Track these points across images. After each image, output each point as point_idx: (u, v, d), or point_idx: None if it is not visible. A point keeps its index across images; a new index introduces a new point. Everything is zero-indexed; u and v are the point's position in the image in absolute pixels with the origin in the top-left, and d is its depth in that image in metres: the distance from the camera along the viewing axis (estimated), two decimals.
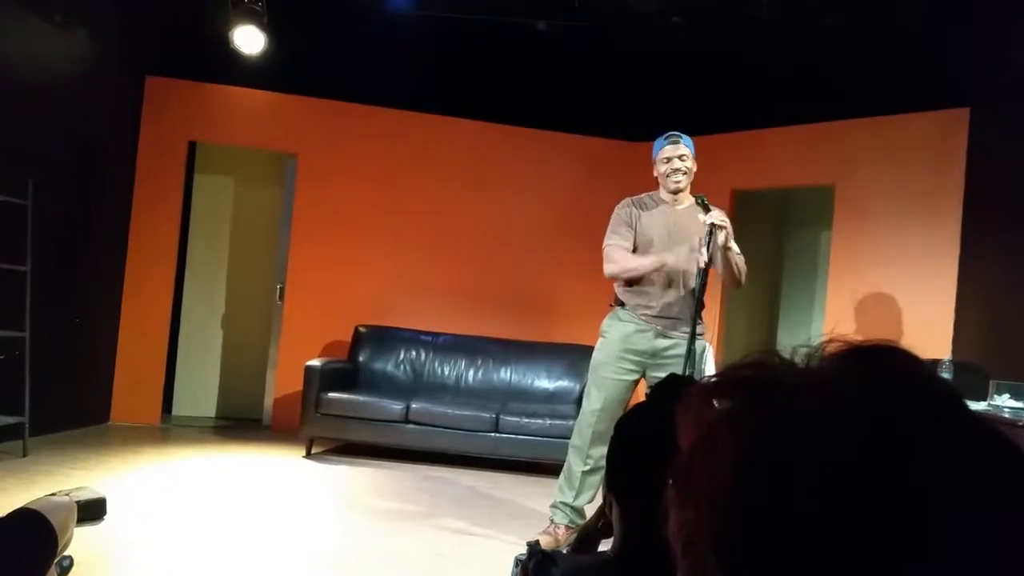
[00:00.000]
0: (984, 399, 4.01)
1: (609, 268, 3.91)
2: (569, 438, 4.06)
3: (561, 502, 3.87)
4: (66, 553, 2.68)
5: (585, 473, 3.85)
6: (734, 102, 6.24)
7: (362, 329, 6.32)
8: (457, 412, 5.49)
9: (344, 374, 5.91)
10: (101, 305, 5.99)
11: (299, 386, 5.67)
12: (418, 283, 6.56)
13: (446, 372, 6.25)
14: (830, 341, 0.57)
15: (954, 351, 4.75)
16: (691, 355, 3.56)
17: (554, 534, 3.82)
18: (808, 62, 5.65)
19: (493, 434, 5.42)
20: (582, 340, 6.07)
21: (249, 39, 5.88)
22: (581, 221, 6.12)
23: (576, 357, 5.82)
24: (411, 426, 5.50)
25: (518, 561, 2.97)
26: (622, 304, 3.92)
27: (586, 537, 1.80)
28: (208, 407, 6.81)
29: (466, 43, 6.35)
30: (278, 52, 6.04)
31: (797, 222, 7.24)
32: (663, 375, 3.77)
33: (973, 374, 4.40)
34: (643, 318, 3.84)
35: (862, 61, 5.53)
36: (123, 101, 6.09)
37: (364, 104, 6.52)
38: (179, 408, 6.68)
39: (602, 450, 3.80)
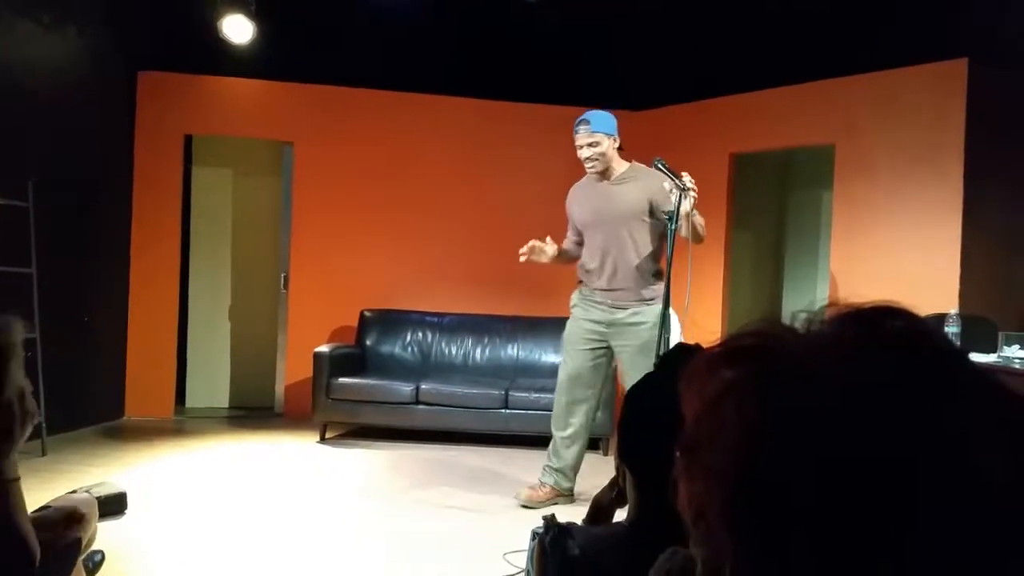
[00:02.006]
0: (994, 351, 4.02)
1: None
2: None
3: (547, 465, 4.23)
4: (96, 548, 2.73)
5: (564, 439, 4.19)
6: (730, 65, 6.19)
7: (368, 313, 6.34)
8: (467, 391, 5.52)
9: (353, 359, 5.94)
10: (108, 303, 6.02)
11: (309, 373, 5.71)
12: (422, 264, 6.57)
13: (454, 352, 6.28)
14: (830, 305, 0.57)
15: (961, 305, 4.74)
16: (665, 321, 3.71)
17: (538, 490, 4.18)
18: (803, 19, 5.60)
19: (503, 411, 5.45)
20: None
21: (237, 28, 5.86)
22: None
23: None
24: (422, 407, 5.54)
25: (535, 534, 3.01)
26: (581, 282, 4.23)
27: (600, 508, 1.82)
28: (221, 398, 6.86)
29: (458, 19, 6.31)
30: (267, 39, 6.02)
31: (798, 183, 7.21)
32: (626, 343, 4.02)
33: (982, 326, 4.39)
34: (596, 293, 4.12)
35: (858, 15, 5.48)
36: (116, 98, 6.08)
37: (357, 87, 6.49)
38: (192, 400, 6.73)
39: (580, 418, 4.18)
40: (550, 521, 1.53)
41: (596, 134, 4.03)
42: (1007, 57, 4.91)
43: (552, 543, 1.44)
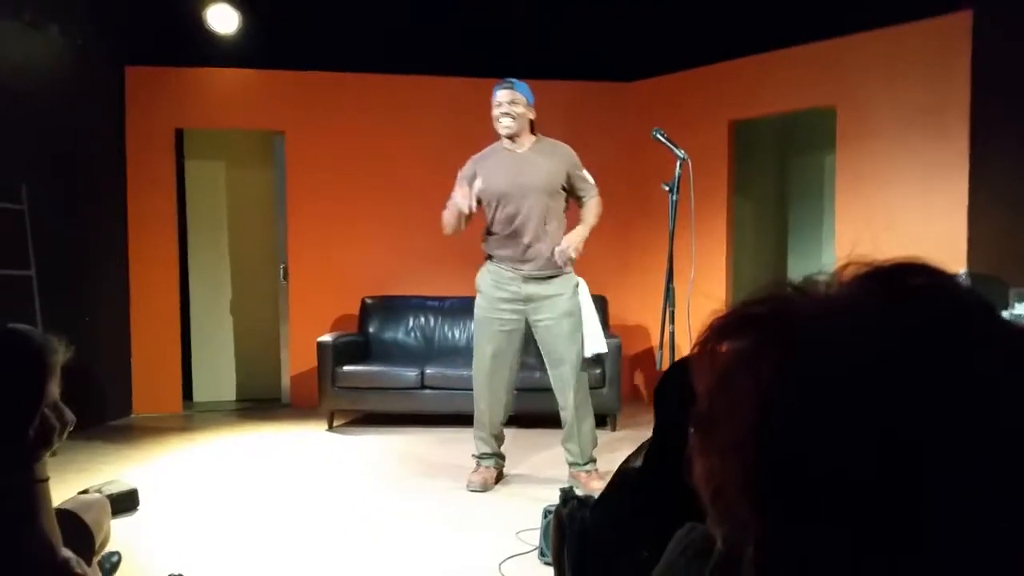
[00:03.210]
0: (1004, 309, 3.99)
1: (444, 232, 4.11)
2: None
3: (483, 449, 4.19)
4: (111, 549, 2.72)
5: (491, 417, 4.13)
6: (726, 30, 6.10)
7: (369, 300, 6.32)
8: (471, 374, 5.49)
9: (356, 346, 5.92)
10: (109, 301, 5.99)
11: (314, 362, 5.69)
12: (421, 249, 6.52)
13: (457, 335, 6.26)
14: (847, 265, 0.54)
15: (970, 263, 4.69)
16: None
17: (483, 472, 4.12)
18: None
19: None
20: (593, 290, 6.01)
21: (223, 18, 5.80)
22: None
23: None
24: (428, 391, 5.53)
25: (547, 512, 3.00)
26: (490, 257, 4.09)
27: (622, 480, 1.79)
28: (228, 391, 6.86)
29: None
30: (253, 28, 5.96)
31: (799, 148, 7.13)
32: (545, 315, 4.00)
33: (991, 285, 4.35)
34: (509, 267, 4.01)
35: None
36: (105, 94, 6.02)
37: (345, 72, 6.42)
38: (199, 394, 6.73)
39: (502, 395, 4.12)
40: (568, 493, 1.51)
41: (518, 95, 3.99)
42: (1013, 7, 4.78)
43: (570, 517, 1.42)
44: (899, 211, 5.22)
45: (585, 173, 4.08)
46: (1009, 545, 0.44)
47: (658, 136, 3.82)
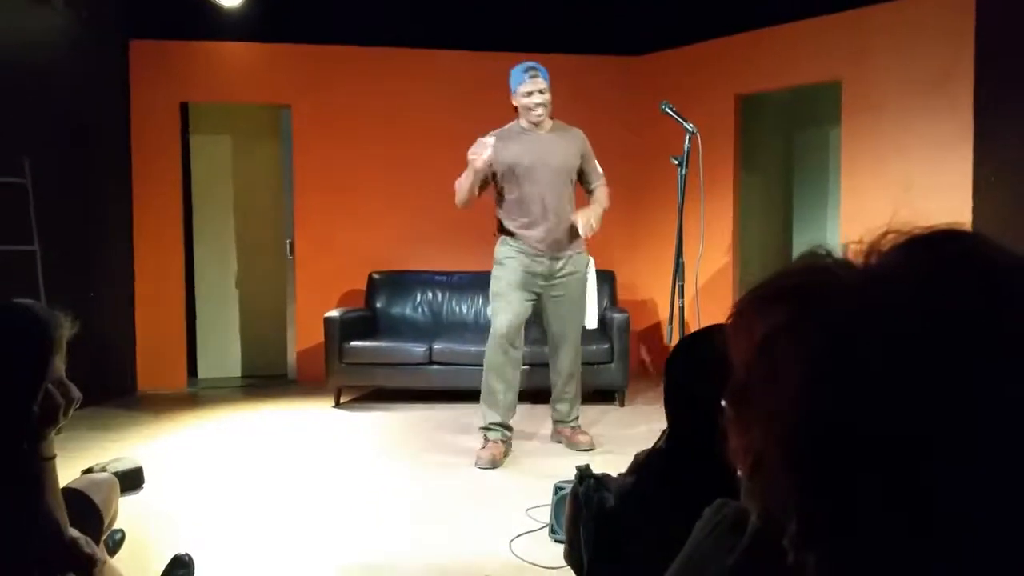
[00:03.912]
0: None
1: (456, 200, 4.19)
2: (593, 364, 4.26)
3: (492, 422, 4.18)
4: (116, 527, 2.72)
5: (505, 389, 4.18)
6: (731, 3, 6.04)
7: (376, 275, 6.30)
8: (480, 349, 5.40)
9: (364, 322, 5.91)
10: (113, 277, 5.98)
11: (320, 338, 5.68)
12: (428, 223, 6.49)
13: (464, 310, 6.25)
14: (887, 233, 0.53)
15: None
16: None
17: (491, 448, 4.12)
18: None
19: None
20: (601, 265, 6.00)
21: None
22: None
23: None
24: (435, 367, 5.52)
25: (557, 488, 2.99)
26: (511, 233, 4.17)
27: (640, 462, 1.78)
28: (233, 367, 6.86)
29: None
30: (258, 2, 5.89)
31: (805, 122, 7.08)
32: (561, 293, 4.15)
33: None
34: (533, 245, 4.12)
35: None
36: (110, 69, 5.97)
37: (351, 45, 6.36)
38: (204, 371, 6.73)
39: (518, 366, 4.23)
40: (585, 471, 1.49)
41: (544, 82, 4.11)
42: None
43: (586, 495, 1.40)
44: (903, 184, 5.18)
45: (596, 163, 4.26)
46: None
47: (667, 109, 3.79)
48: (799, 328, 0.50)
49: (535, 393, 5.29)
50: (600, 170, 4.28)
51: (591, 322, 4.34)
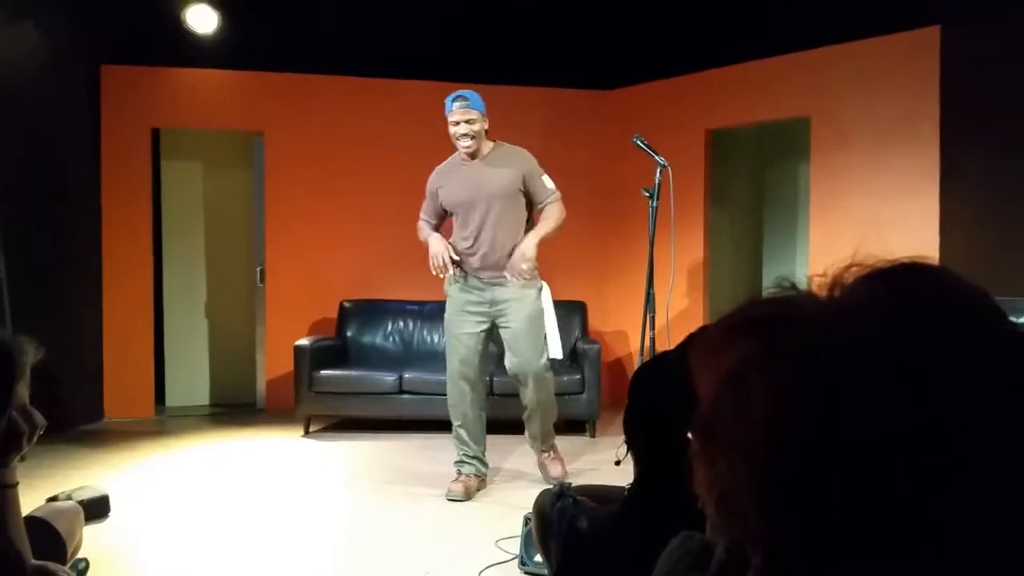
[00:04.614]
0: None
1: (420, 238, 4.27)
2: (564, 395, 4.18)
3: (463, 455, 4.16)
4: (80, 556, 2.66)
5: (468, 426, 4.16)
6: (703, 40, 6.16)
7: (347, 304, 6.27)
8: None
9: (334, 351, 5.87)
10: (82, 303, 5.89)
11: (290, 367, 5.63)
12: (400, 252, 6.46)
13: (436, 340, 6.22)
14: (850, 266, 0.54)
15: None
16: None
17: (464, 481, 4.08)
18: None
19: (488, 397, 5.39)
20: (572, 296, 6.05)
21: (202, 18, 5.75)
22: (555, 176, 6.04)
23: (565, 312, 5.77)
24: (406, 396, 5.49)
25: (527, 520, 2.98)
26: (457, 264, 4.15)
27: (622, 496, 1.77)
28: (201, 396, 6.77)
29: (421, 2, 6.21)
30: (232, 29, 5.90)
31: (774, 156, 7.20)
32: (511, 318, 4.06)
33: None
34: (473, 272, 4.11)
35: None
36: (80, 93, 5.93)
37: (325, 75, 6.38)
38: (172, 399, 6.63)
39: (477, 403, 4.20)
40: (564, 488, 1.47)
41: (473, 111, 4.06)
42: (978, 25, 4.90)
43: (561, 514, 1.40)
44: (872, 220, 5.28)
45: (545, 179, 4.14)
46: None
47: (638, 142, 3.85)
48: (766, 360, 0.50)
49: (504, 424, 5.27)
50: (550, 186, 4.13)
51: (555, 351, 4.21)
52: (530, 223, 4.16)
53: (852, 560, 0.46)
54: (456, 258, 4.08)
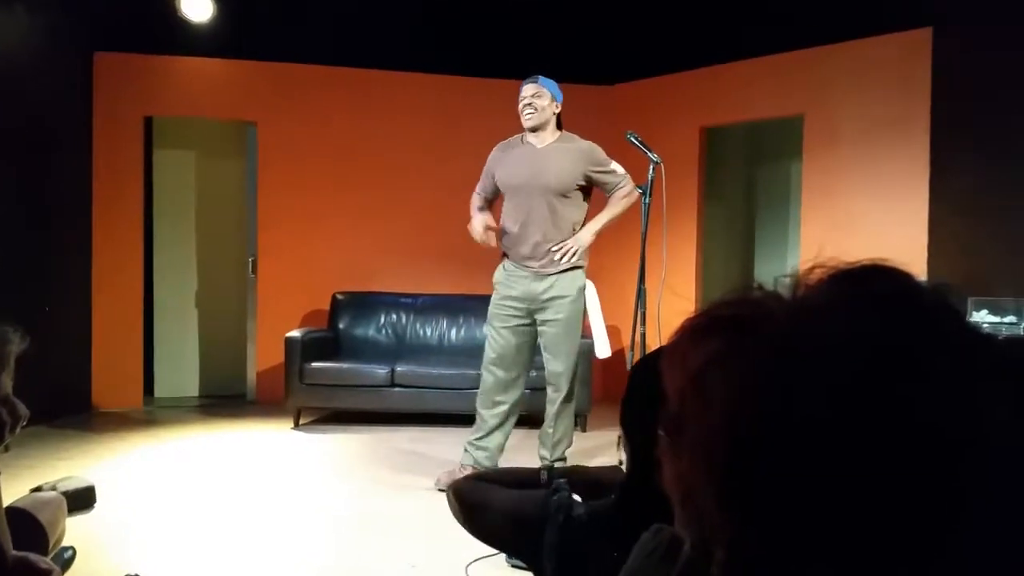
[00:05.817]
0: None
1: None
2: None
3: (471, 442, 4.05)
4: (66, 544, 2.66)
5: (491, 418, 4.04)
6: (699, 38, 6.16)
7: (340, 296, 6.26)
8: (443, 372, 5.48)
9: (325, 342, 5.86)
10: (71, 292, 5.87)
11: (281, 358, 5.63)
12: (394, 244, 6.49)
13: (429, 333, 6.23)
14: (813, 268, 0.54)
15: (929, 272, 4.78)
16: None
17: (457, 473, 3.95)
18: None
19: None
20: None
21: (197, 6, 5.72)
22: None
23: None
24: (397, 389, 5.49)
25: None
26: (505, 254, 4.06)
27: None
28: (191, 386, 6.76)
29: None
30: (227, 17, 5.87)
31: (767, 154, 7.22)
32: (550, 317, 3.95)
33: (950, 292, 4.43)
34: (517, 264, 3.99)
35: None
36: (73, 80, 5.89)
37: (320, 65, 6.36)
38: (161, 390, 6.62)
39: (508, 396, 4.05)
40: (559, 484, 1.46)
41: (543, 88, 3.99)
42: (970, 22, 4.93)
43: (557, 505, 1.39)
44: (862, 218, 5.33)
45: (614, 166, 4.00)
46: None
47: (632, 139, 3.84)
48: (728, 358, 0.50)
49: None
50: (620, 172, 4.01)
51: (601, 351, 4.05)
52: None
53: (817, 561, 0.46)
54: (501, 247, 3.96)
